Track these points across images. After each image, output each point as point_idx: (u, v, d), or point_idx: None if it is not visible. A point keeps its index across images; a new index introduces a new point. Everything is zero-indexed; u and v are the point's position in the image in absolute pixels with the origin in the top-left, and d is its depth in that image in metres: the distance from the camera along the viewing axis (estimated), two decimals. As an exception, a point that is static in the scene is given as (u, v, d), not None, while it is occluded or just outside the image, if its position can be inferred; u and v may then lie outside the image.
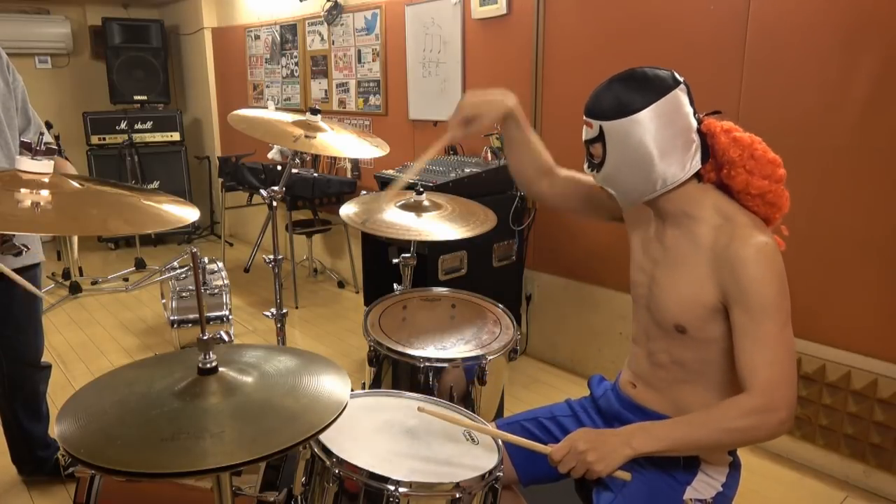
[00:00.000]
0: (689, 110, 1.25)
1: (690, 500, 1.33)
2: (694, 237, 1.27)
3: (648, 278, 1.37)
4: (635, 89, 1.22)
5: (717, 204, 1.27)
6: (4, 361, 2.18)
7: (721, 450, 1.34)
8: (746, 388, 1.18)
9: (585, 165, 1.34)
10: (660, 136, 1.21)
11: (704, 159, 1.27)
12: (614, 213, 1.53)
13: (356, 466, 1.17)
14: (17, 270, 2.08)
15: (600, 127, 1.24)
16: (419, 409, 1.34)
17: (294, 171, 3.67)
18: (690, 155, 1.25)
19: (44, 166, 1.20)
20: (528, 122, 1.58)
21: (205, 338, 1.07)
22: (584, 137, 1.30)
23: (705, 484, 1.34)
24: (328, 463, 1.21)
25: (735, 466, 1.38)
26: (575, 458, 1.22)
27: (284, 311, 2.26)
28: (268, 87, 5.37)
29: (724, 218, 1.25)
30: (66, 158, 2.24)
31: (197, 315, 3.03)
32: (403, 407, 1.45)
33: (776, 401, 1.16)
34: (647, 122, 1.21)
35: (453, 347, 1.78)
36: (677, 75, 1.26)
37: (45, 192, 1.17)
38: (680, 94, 1.23)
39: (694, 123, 1.25)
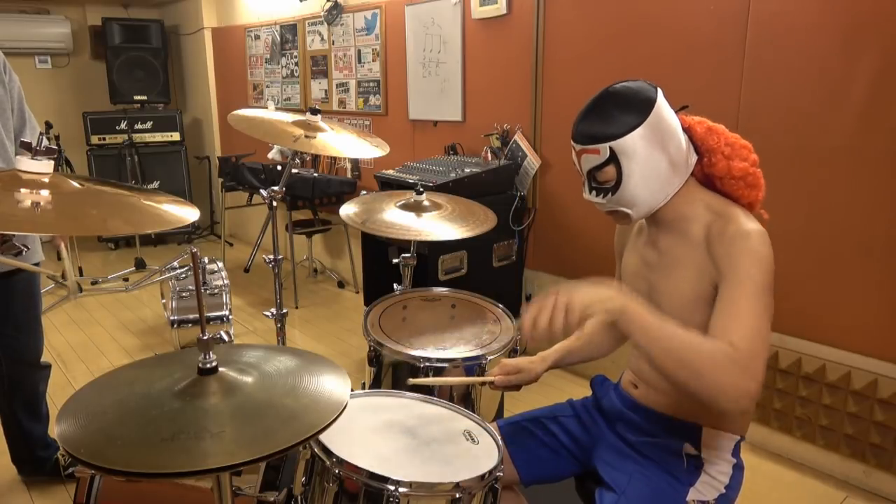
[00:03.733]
0: (672, 111, 1.27)
1: (693, 500, 1.32)
2: (688, 237, 1.28)
3: (647, 284, 1.37)
4: (628, 105, 1.23)
5: (708, 202, 1.29)
6: (4, 361, 2.18)
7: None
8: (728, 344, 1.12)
9: (592, 195, 1.31)
10: (665, 143, 1.23)
11: (697, 153, 1.29)
12: None
13: (356, 466, 1.17)
14: (15, 271, 2.08)
15: (610, 149, 1.23)
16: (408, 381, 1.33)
17: (294, 171, 3.67)
18: (687, 153, 1.28)
19: (44, 166, 1.20)
20: (567, 347, 1.62)
21: (205, 338, 1.07)
22: (588, 167, 1.27)
23: (708, 485, 1.34)
24: (328, 463, 1.21)
25: (738, 468, 1.37)
26: (545, 305, 1.15)
27: (284, 311, 2.26)
28: (268, 87, 5.37)
29: (716, 214, 1.26)
30: (66, 158, 2.24)
31: (197, 315, 3.03)
32: (403, 407, 1.45)
33: (753, 369, 1.10)
34: (651, 134, 1.22)
35: (453, 347, 1.78)
36: (649, 82, 1.27)
37: (45, 192, 1.16)
38: (662, 99, 1.25)
39: (678, 122, 1.28)
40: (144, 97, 5.96)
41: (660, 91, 1.25)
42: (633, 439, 1.41)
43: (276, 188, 2.11)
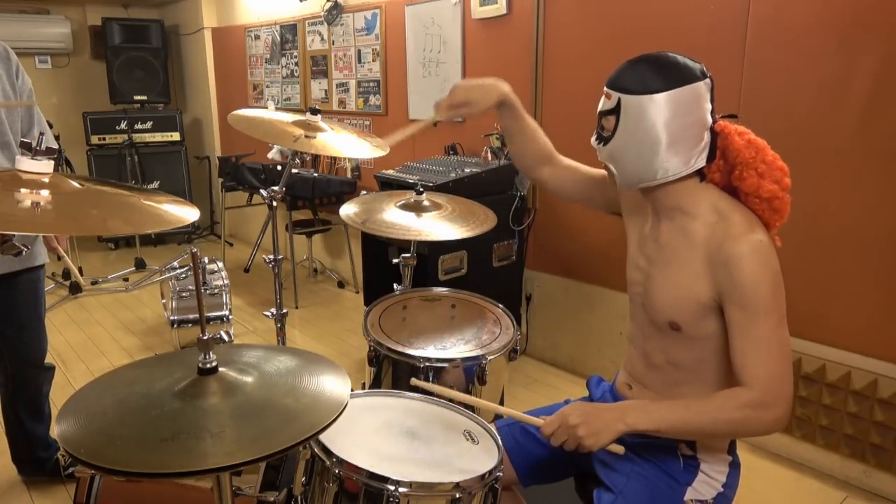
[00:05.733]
0: (708, 107, 1.24)
1: (691, 500, 1.33)
2: (688, 234, 1.27)
3: (644, 276, 1.37)
4: (662, 70, 1.22)
5: (714, 201, 1.27)
6: (8, 361, 2.18)
7: (714, 438, 1.34)
8: (744, 384, 1.19)
9: (593, 138, 1.33)
10: (673, 124, 1.21)
11: (710, 159, 1.26)
12: (612, 207, 1.53)
13: (356, 466, 1.17)
14: (20, 272, 2.09)
15: (619, 99, 1.24)
16: (412, 383, 1.35)
17: (294, 171, 3.67)
18: (697, 151, 1.24)
19: (44, 166, 1.20)
20: (525, 110, 1.58)
21: (205, 338, 1.07)
22: (599, 108, 1.30)
23: (706, 484, 1.34)
24: (328, 463, 1.21)
25: (735, 466, 1.38)
26: (566, 431, 1.22)
27: (284, 311, 2.26)
28: (268, 87, 5.37)
29: (719, 216, 1.24)
30: (66, 158, 2.25)
31: (197, 315, 3.03)
32: (403, 407, 1.45)
33: (773, 397, 1.17)
34: (664, 106, 1.20)
35: (453, 347, 1.78)
36: (706, 69, 1.25)
37: (45, 192, 1.16)
38: (703, 88, 1.23)
39: (709, 121, 1.25)
40: (144, 97, 5.96)
41: (707, 81, 1.23)
42: (629, 440, 1.41)
43: (276, 188, 2.11)
